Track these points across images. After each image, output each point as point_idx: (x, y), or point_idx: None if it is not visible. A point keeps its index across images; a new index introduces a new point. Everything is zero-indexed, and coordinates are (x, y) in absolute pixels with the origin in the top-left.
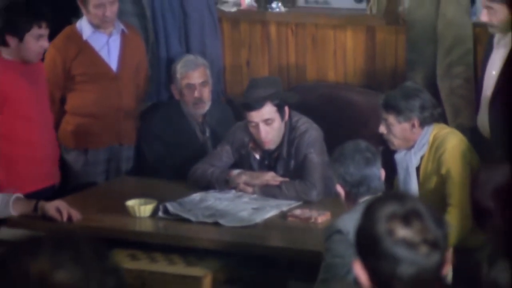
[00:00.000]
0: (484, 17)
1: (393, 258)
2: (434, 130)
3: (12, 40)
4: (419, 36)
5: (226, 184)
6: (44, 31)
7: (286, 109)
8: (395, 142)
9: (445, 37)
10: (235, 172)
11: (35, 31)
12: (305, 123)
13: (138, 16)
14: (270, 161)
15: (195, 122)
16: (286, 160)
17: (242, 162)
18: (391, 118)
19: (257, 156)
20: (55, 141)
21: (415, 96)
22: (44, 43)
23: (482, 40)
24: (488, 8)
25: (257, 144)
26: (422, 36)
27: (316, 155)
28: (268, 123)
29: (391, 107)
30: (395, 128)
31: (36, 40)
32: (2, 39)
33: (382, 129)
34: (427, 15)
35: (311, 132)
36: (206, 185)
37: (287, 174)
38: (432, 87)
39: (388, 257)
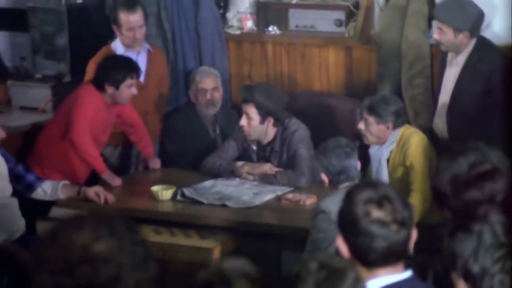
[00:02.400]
0: (435, 35)
1: (369, 234)
2: (401, 130)
3: (109, 88)
4: (387, 54)
5: (231, 173)
6: (134, 81)
7: (270, 119)
8: (370, 138)
9: (407, 55)
10: (239, 163)
11: (128, 81)
12: (295, 124)
13: (161, 38)
14: (265, 152)
15: (208, 122)
16: (279, 154)
17: (244, 153)
18: (371, 119)
19: (254, 147)
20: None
21: (393, 105)
22: (134, 90)
23: (437, 57)
24: (439, 28)
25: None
26: (389, 54)
27: (304, 150)
28: (247, 117)
29: (373, 110)
30: (373, 127)
31: (128, 88)
32: (102, 87)
33: (361, 125)
34: (393, 37)
35: (300, 131)
36: (215, 175)
37: (280, 165)
38: (398, 95)
39: (365, 233)
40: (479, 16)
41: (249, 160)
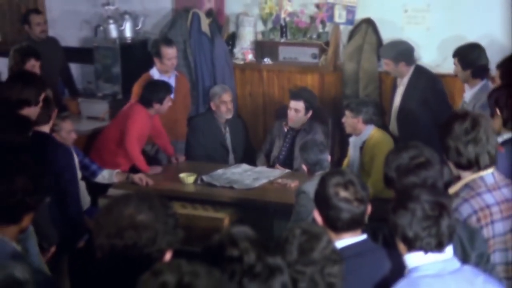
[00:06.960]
0: (384, 66)
1: (337, 209)
2: (374, 130)
3: (156, 105)
4: (349, 78)
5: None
6: (171, 97)
7: (311, 112)
8: (347, 128)
9: (363, 79)
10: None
11: (167, 98)
12: (316, 120)
13: (186, 67)
14: (293, 133)
15: (221, 124)
16: (307, 132)
17: (277, 132)
18: (348, 113)
19: (285, 129)
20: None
21: (364, 106)
22: (170, 102)
23: (385, 81)
24: (385, 63)
25: (287, 123)
26: (350, 78)
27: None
28: (295, 111)
29: (349, 107)
30: (348, 120)
31: (167, 102)
32: (149, 104)
33: (344, 119)
34: (353, 66)
35: (320, 126)
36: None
37: (303, 138)
38: None
39: (335, 208)
40: (409, 50)
41: (278, 136)
